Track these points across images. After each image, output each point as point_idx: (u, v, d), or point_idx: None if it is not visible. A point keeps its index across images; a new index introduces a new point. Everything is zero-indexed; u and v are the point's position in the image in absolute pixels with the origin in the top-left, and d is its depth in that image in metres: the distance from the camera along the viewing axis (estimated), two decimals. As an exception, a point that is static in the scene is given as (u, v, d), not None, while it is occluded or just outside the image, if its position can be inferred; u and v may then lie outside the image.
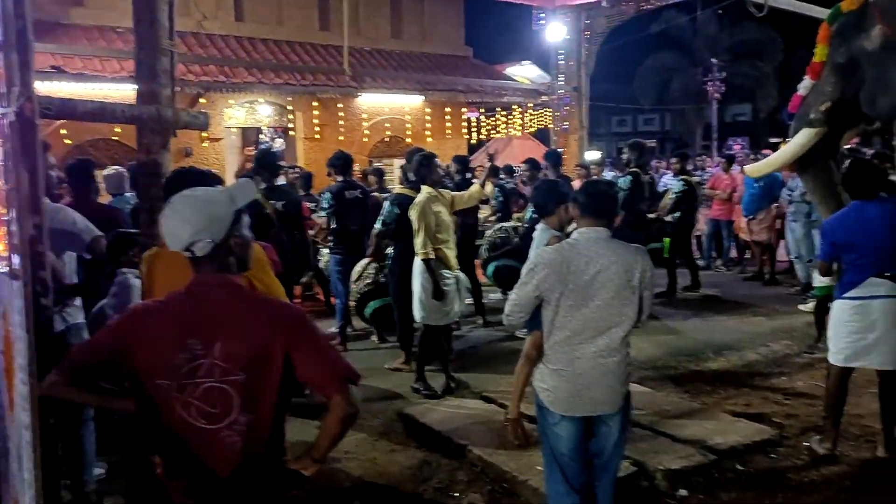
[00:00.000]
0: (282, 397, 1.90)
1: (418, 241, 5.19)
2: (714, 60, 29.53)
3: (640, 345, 6.43)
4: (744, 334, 6.77)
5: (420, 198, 5.31)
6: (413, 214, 5.24)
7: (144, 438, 1.94)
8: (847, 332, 4.00)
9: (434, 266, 5.21)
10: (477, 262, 7.78)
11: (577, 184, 9.96)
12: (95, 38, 11.23)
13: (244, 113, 13.11)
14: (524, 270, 2.92)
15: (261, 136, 14.96)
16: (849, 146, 7.29)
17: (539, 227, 4.23)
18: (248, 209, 1.99)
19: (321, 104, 13.52)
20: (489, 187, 6.29)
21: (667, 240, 9.01)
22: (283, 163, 8.56)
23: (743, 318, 7.43)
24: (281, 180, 9.58)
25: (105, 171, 5.64)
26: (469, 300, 7.72)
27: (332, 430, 1.92)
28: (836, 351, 4.07)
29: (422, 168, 5.43)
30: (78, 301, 3.74)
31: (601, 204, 2.90)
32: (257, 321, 1.88)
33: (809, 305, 7.26)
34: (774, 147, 15.36)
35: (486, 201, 7.90)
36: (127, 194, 5.53)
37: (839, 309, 4.07)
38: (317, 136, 13.66)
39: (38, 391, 2.24)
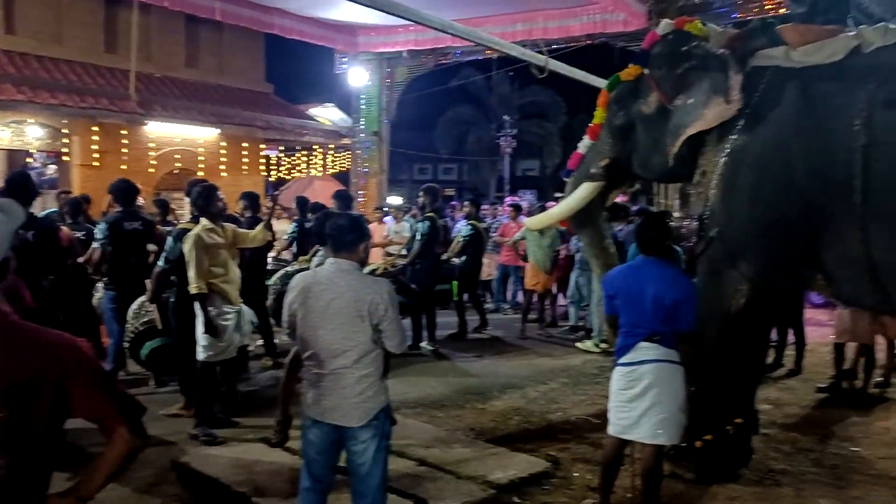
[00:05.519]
0: (48, 436, 1.68)
1: (190, 275, 5.00)
2: (506, 117, 31.73)
3: (432, 385, 6.60)
4: (527, 373, 7.12)
5: (193, 230, 5.11)
6: (185, 247, 5.05)
7: None
8: (621, 400, 3.70)
9: (210, 301, 5.03)
10: (268, 302, 7.49)
11: (374, 226, 10.04)
12: None
13: (10, 133, 11.81)
14: None
15: (29, 160, 13.55)
16: (619, 202, 8.10)
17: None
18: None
19: (102, 129, 12.58)
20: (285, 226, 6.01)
21: (455, 282, 9.33)
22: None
23: (526, 359, 7.84)
24: (53, 206, 8.70)
25: None
26: (259, 340, 7.40)
27: (111, 466, 1.75)
28: (613, 421, 3.75)
29: (199, 200, 5.26)
30: None
31: (340, 238, 3.17)
32: (24, 351, 1.66)
33: (587, 343, 8.11)
34: (558, 200, 16.65)
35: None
36: None
37: (614, 376, 3.77)
38: (96, 164, 12.64)
39: None
